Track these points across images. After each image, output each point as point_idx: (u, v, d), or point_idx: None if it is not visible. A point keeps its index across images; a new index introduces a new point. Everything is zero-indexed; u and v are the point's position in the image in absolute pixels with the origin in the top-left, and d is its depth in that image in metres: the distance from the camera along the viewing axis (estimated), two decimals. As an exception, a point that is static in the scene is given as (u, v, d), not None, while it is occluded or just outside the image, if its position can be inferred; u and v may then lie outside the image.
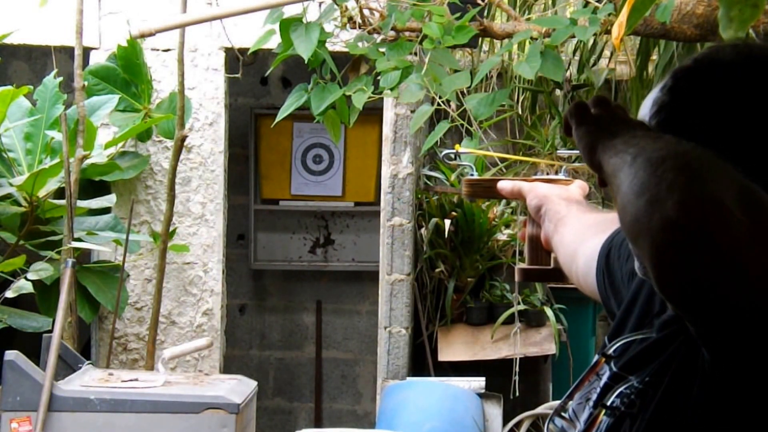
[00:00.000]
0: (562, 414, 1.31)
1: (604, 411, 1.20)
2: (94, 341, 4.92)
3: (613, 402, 1.20)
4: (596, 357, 1.31)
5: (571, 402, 1.30)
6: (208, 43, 4.91)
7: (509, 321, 5.00)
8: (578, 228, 1.58)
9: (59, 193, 4.54)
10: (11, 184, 4.43)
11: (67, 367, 4.06)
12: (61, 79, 4.69)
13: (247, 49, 4.22)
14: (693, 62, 1.18)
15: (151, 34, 4.04)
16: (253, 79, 6.11)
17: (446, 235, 5.02)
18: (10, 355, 3.88)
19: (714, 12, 3.24)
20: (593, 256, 1.51)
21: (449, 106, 3.56)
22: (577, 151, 1.14)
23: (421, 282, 5.18)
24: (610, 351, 1.29)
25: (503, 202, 5.02)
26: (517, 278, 1.77)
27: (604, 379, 1.25)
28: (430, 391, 4.69)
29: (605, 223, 1.53)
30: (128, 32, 4.56)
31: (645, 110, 1.20)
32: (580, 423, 1.25)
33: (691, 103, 1.15)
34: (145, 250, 4.88)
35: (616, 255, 1.46)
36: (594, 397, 1.25)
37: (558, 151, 4.90)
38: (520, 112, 5.34)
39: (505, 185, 1.73)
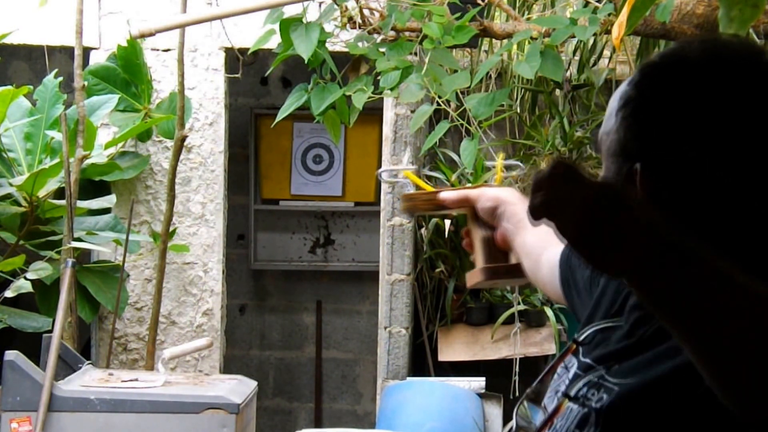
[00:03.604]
0: (534, 401, 1.33)
1: (567, 400, 1.22)
2: (94, 341, 4.92)
3: (579, 391, 1.21)
4: (568, 344, 1.33)
5: (544, 389, 1.32)
6: (208, 43, 4.91)
7: (509, 321, 5.00)
8: (538, 234, 1.54)
9: (59, 193, 4.54)
10: (11, 184, 4.43)
11: (67, 367, 4.05)
12: (61, 79, 4.69)
13: (247, 49, 4.22)
14: (659, 58, 1.19)
15: (151, 34, 4.04)
16: (253, 79, 6.10)
17: (446, 235, 5.01)
18: (10, 355, 3.88)
19: (714, 12, 3.24)
20: (556, 263, 1.53)
21: (449, 106, 3.56)
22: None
23: (421, 282, 5.17)
24: (581, 338, 1.30)
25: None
26: (482, 278, 1.60)
27: (573, 369, 1.27)
28: (430, 391, 4.68)
29: None
30: (128, 32, 4.56)
31: (613, 103, 1.21)
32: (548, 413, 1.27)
33: (656, 99, 1.16)
34: (145, 250, 4.88)
35: (576, 262, 1.47)
36: (562, 388, 1.26)
37: (504, 162, 4.83)
38: (519, 112, 5.34)
39: (449, 195, 1.64)
